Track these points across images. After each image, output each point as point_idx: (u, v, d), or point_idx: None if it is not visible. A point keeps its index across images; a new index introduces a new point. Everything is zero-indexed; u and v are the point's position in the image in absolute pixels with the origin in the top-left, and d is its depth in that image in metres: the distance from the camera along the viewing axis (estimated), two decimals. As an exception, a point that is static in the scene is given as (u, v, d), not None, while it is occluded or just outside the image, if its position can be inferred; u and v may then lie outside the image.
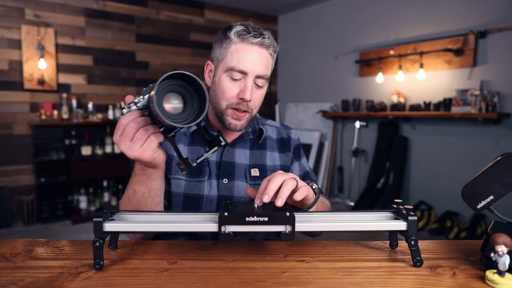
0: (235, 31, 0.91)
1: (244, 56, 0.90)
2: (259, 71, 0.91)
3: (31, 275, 0.61)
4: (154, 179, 0.79)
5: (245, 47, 0.91)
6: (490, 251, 0.60)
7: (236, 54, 0.90)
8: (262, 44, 0.91)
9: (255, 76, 0.91)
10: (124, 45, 4.27)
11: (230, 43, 0.92)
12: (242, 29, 0.91)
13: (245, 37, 0.90)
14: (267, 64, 0.94)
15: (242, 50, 0.90)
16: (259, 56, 0.91)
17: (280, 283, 0.60)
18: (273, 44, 0.94)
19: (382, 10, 4.07)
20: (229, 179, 0.98)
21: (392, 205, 0.71)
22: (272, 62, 0.97)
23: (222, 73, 0.93)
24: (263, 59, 0.92)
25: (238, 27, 0.91)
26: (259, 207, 0.68)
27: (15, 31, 3.60)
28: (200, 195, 0.96)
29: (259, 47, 0.91)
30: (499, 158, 0.64)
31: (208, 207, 0.97)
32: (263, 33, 0.92)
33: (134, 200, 0.81)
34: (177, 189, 0.97)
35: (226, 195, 0.97)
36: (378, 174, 4.07)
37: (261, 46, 0.92)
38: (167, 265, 0.66)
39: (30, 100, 3.74)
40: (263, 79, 0.93)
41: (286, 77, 5.42)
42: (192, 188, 0.97)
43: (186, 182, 0.97)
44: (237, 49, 0.91)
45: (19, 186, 3.73)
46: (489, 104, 3.12)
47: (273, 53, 0.96)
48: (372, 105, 4.02)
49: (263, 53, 0.92)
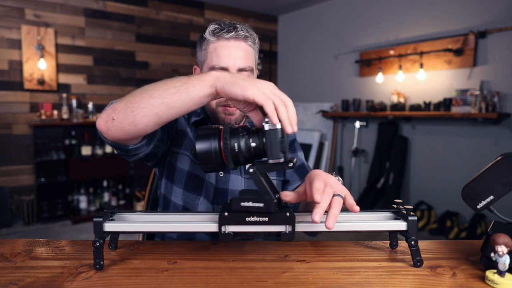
0: (209, 30, 0.93)
1: (222, 53, 0.92)
2: (240, 64, 0.92)
3: (31, 275, 0.61)
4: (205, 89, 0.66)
5: (221, 44, 0.92)
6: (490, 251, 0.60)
7: (215, 53, 0.92)
8: (238, 37, 0.93)
9: (237, 70, 0.93)
10: (124, 45, 4.27)
11: (208, 43, 0.94)
12: (215, 27, 0.93)
13: (219, 34, 0.92)
14: (247, 56, 0.94)
15: (219, 47, 0.92)
16: (237, 50, 0.93)
17: (280, 283, 0.60)
18: (250, 35, 0.95)
19: (382, 10, 4.07)
20: (224, 172, 0.99)
21: (392, 205, 0.71)
22: (254, 53, 0.98)
23: None
24: (242, 52, 0.93)
25: (212, 26, 0.94)
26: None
27: (15, 31, 3.60)
28: (203, 178, 0.98)
29: (235, 40, 0.93)
30: (499, 158, 0.64)
31: (206, 192, 0.98)
32: (236, 27, 0.93)
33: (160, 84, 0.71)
34: (182, 165, 0.99)
35: (222, 188, 0.99)
36: (378, 174, 4.07)
37: (237, 39, 0.93)
38: (167, 265, 0.66)
39: (30, 100, 3.74)
40: (246, 71, 0.94)
41: (286, 77, 5.42)
42: (196, 169, 0.99)
43: (192, 163, 0.99)
44: (214, 47, 0.93)
45: (19, 186, 3.73)
46: (489, 104, 3.12)
47: (253, 44, 0.97)
48: (372, 105, 4.02)
49: (241, 45, 0.93)
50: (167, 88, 0.68)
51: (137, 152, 0.86)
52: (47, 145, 3.74)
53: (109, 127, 0.73)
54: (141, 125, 0.71)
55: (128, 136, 0.75)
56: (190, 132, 1.02)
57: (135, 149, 0.84)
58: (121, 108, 0.71)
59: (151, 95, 0.69)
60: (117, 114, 0.72)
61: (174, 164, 1.00)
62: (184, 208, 0.99)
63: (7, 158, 3.67)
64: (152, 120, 0.71)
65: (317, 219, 0.58)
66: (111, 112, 0.73)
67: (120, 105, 0.72)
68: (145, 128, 0.73)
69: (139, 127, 0.72)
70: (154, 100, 0.69)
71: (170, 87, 0.68)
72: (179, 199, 0.99)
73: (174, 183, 1.00)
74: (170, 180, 1.01)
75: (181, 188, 0.99)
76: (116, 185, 4.13)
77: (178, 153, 1.00)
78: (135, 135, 0.75)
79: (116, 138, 0.76)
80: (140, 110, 0.70)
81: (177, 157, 1.00)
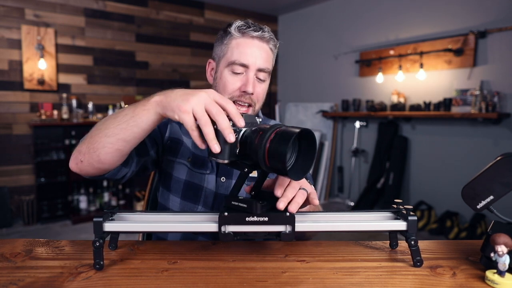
0: (235, 26, 0.93)
1: (245, 49, 0.92)
2: (260, 64, 0.92)
3: (31, 275, 0.61)
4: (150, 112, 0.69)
5: (246, 41, 0.92)
6: (490, 251, 0.60)
7: (237, 48, 0.92)
8: (262, 37, 0.93)
9: (257, 69, 0.92)
10: (124, 45, 4.27)
11: (231, 38, 0.94)
12: (242, 24, 0.93)
13: (245, 31, 0.92)
14: (268, 58, 0.95)
15: (243, 44, 0.92)
16: (260, 50, 0.93)
17: (280, 283, 0.60)
18: (273, 39, 0.96)
19: (382, 10, 4.07)
20: (226, 178, 0.98)
21: (392, 205, 0.71)
22: (272, 57, 0.98)
23: (224, 68, 0.94)
24: (264, 53, 0.93)
25: (238, 23, 0.94)
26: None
27: (15, 31, 3.60)
28: (201, 186, 0.97)
29: (260, 41, 0.93)
30: (499, 158, 0.64)
31: (205, 201, 0.97)
32: (262, 28, 0.94)
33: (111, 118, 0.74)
34: (178, 174, 0.98)
35: (222, 193, 0.97)
36: (378, 174, 4.07)
37: (261, 40, 0.93)
38: (167, 265, 0.66)
39: (30, 100, 3.74)
40: (265, 72, 0.94)
41: (286, 77, 5.41)
42: (193, 177, 0.97)
43: (189, 171, 0.98)
44: (238, 43, 0.93)
45: (19, 186, 3.73)
46: (489, 104, 3.12)
47: (273, 48, 0.97)
48: (372, 105, 4.02)
49: (264, 47, 0.94)
50: (117, 124, 0.72)
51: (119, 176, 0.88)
52: (47, 145, 3.74)
53: (80, 168, 0.79)
54: (107, 162, 0.76)
55: (100, 171, 0.80)
56: (186, 139, 1.00)
57: (113, 175, 0.85)
58: (85, 150, 0.76)
59: (106, 134, 0.73)
60: (83, 156, 0.77)
61: (170, 173, 0.99)
62: None
63: (7, 158, 3.67)
64: (116, 155, 0.75)
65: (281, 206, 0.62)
66: (78, 155, 0.78)
67: (83, 148, 0.77)
68: (112, 163, 0.77)
69: (106, 164, 0.77)
70: (110, 138, 0.73)
71: (120, 123, 0.72)
72: (176, 208, 0.98)
73: (171, 192, 0.99)
74: (167, 188, 1.00)
75: (179, 197, 0.98)
76: (116, 185, 4.13)
77: (174, 162, 0.99)
78: (105, 170, 0.80)
79: (91, 175, 0.81)
80: (101, 149, 0.74)
81: (173, 165, 0.98)
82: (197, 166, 0.98)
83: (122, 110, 0.74)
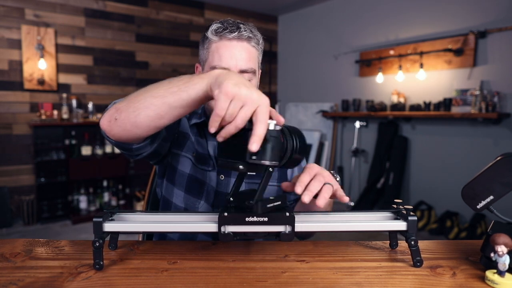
0: (212, 29, 0.91)
1: (224, 53, 0.90)
2: (242, 66, 0.90)
3: (31, 275, 0.61)
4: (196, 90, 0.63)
5: (224, 44, 0.90)
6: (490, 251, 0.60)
7: (217, 53, 0.90)
8: (240, 37, 0.90)
9: (238, 71, 0.90)
10: (124, 45, 4.27)
11: (210, 42, 0.92)
12: (218, 26, 0.91)
13: (222, 34, 0.90)
14: (250, 57, 0.92)
15: (221, 47, 0.90)
16: (239, 51, 0.90)
17: (280, 283, 0.60)
18: (254, 36, 0.93)
19: (382, 10, 4.07)
20: (225, 176, 0.98)
21: (392, 205, 0.71)
22: (257, 54, 0.96)
23: None
24: (244, 53, 0.91)
25: (214, 25, 0.91)
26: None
27: (15, 31, 3.60)
28: (204, 181, 0.97)
29: (238, 41, 0.91)
30: (499, 158, 0.64)
31: (207, 195, 0.97)
32: (239, 27, 0.91)
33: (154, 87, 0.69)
34: (183, 167, 0.98)
35: (222, 191, 0.97)
36: (378, 174, 4.07)
37: (240, 40, 0.91)
38: (167, 265, 0.66)
39: (30, 100, 3.74)
40: (248, 73, 0.92)
41: (286, 77, 5.41)
42: (197, 172, 0.98)
43: (193, 165, 0.98)
44: (216, 47, 0.91)
45: (19, 186, 3.73)
46: (489, 104, 3.12)
47: (256, 45, 0.95)
48: (372, 105, 4.02)
49: (244, 46, 0.91)
50: (169, 87, 0.66)
51: (140, 151, 0.85)
52: (47, 145, 3.74)
53: (112, 126, 0.73)
54: (142, 125, 0.70)
55: (131, 136, 0.74)
56: (191, 134, 1.01)
57: (138, 149, 0.83)
58: (124, 107, 0.70)
59: (153, 95, 0.67)
60: (119, 113, 0.71)
61: (175, 166, 0.99)
62: (185, 210, 0.98)
63: (7, 158, 3.67)
64: (154, 121, 0.69)
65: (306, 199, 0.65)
66: (114, 112, 0.72)
67: (123, 105, 0.71)
68: (146, 129, 0.72)
69: (140, 128, 0.71)
70: (156, 99, 0.67)
71: (172, 86, 0.66)
72: (180, 201, 0.98)
73: (175, 185, 0.99)
74: (171, 182, 1.00)
75: (182, 191, 0.98)
76: (116, 185, 4.13)
77: (180, 155, 0.99)
78: (137, 136, 0.74)
79: (119, 138, 0.75)
80: (142, 110, 0.68)
81: (179, 159, 0.99)
82: (201, 163, 0.98)
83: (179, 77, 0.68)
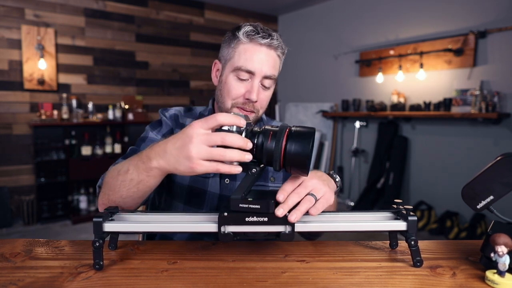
0: (244, 31, 0.91)
1: (252, 56, 0.90)
2: (267, 72, 0.91)
3: (31, 275, 0.61)
4: (156, 177, 0.70)
5: (253, 48, 0.91)
6: (490, 251, 0.60)
7: (244, 54, 0.91)
8: (271, 45, 0.92)
9: (263, 76, 0.92)
10: (124, 45, 4.27)
11: (239, 43, 0.92)
12: (251, 29, 0.91)
13: (254, 38, 0.91)
14: (275, 65, 0.94)
15: (250, 50, 0.91)
16: (267, 57, 0.92)
17: (280, 283, 0.60)
18: (281, 46, 0.95)
19: (382, 10, 4.07)
20: (230, 179, 0.98)
21: (392, 205, 0.71)
22: (280, 63, 0.97)
23: (229, 72, 0.93)
24: (271, 60, 0.92)
25: (247, 27, 0.92)
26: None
27: (15, 31, 3.60)
28: (204, 190, 0.96)
29: (267, 48, 0.92)
30: (499, 158, 0.64)
31: (209, 204, 0.96)
32: (271, 34, 0.92)
33: (120, 179, 0.73)
34: (181, 180, 0.97)
35: (227, 195, 0.97)
36: (378, 174, 4.07)
37: (269, 47, 0.92)
38: (167, 265, 0.66)
39: (30, 100, 3.74)
40: (270, 79, 0.94)
41: (286, 77, 5.41)
42: (196, 182, 0.97)
43: (192, 176, 0.96)
44: (245, 49, 0.91)
45: (19, 186, 3.73)
46: (489, 104, 3.12)
47: (281, 55, 0.96)
48: (372, 105, 4.02)
49: (271, 54, 0.93)
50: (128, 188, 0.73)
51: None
52: (47, 145, 3.74)
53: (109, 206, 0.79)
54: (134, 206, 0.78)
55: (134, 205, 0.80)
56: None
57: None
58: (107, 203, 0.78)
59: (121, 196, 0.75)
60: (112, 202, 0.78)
61: (173, 179, 0.97)
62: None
63: (7, 158, 3.67)
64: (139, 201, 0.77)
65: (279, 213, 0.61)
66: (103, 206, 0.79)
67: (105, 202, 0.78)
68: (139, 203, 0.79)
69: (134, 206, 0.79)
70: (126, 199, 0.75)
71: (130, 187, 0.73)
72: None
73: (174, 198, 0.98)
74: (169, 195, 0.99)
75: (182, 203, 0.97)
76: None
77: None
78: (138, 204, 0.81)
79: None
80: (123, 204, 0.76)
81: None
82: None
83: (126, 173, 0.72)
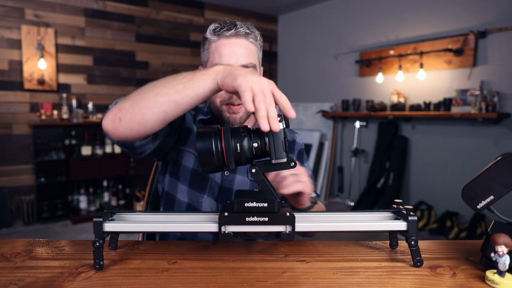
0: (210, 30, 0.94)
1: (223, 51, 0.92)
2: (242, 61, 0.92)
3: (31, 275, 0.61)
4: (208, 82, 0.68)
5: (222, 43, 0.93)
6: (490, 251, 0.60)
7: (216, 52, 0.93)
8: (238, 34, 0.93)
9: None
10: (124, 45, 4.27)
11: (209, 43, 0.95)
12: (215, 26, 0.94)
13: (220, 33, 0.93)
14: (249, 53, 0.94)
15: (220, 46, 0.93)
16: (238, 47, 0.93)
17: (280, 283, 0.60)
18: (252, 32, 0.95)
19: (382, 10, 4.07)
20: (230, 172, 1.00)
21: (392, 205, 0.71)
22: (256, 49, 0.98)
23: None
24: (243, 49, 0.93)
25: (212, 26, 0.94)
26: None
27: (15, 31, 3.60)
28: (207, 176, 0.99)
29: (236, 38, 0.93)
30: (499, 158, 0.64)
31: (211, 190, 0.99)
32: (236, 24, 0.93)
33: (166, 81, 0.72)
34: (187, 162, 1.00)
35: (226, 187, 0.99)
36: (378, 174, 4.07)
37: (238, 37, 0.93)
38: (167, 265, 0.66)
39: (30, 100, 3.74)
40: (249, 67, 0.93)
41: (286, 77, 5.41)
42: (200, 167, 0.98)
43: (196, 160, 0.99)
44: (216, 46, 0.93)
45: (19, 186, 3.73)
46: (489, 104, 3.12)
47: (254, 41, 0.97)
48: (372, 105, 4.02)
49: (242, 43, 0.94)
50: (174, 85, 0.70)
51: (143, 149, 0.86)
52: (47, 145, 3.74)
53: (116, 127, 0.73)
54: (149, 123, 0.72)
55: (136, 134, 0.75)
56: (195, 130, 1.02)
57: (141, 146, 0.84)
58: (128, 107, 0.72)
59: (158, 93, 0.70)
60: (124, 113, 0.72)
61: (180, 161, 1.01)
62: (188, 205, 0.99)
63: (7, 158, 3.67)
64: (160, 118, 0.71)
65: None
66: (118, 112, 0.73)
67: (127, 105, 0.72)
68: (153, 126, 0.73)
69: (147, 126, 0.73)
70: (162, 98, 0.70)
71: (176, 84, 0.70)
72: (184, 196, 0.99)
73: (179, 180, 1.00)
74: (175, 177, 1.01)
75: (186, 186, 0.99)
76: (116, 185, 4.13)
77: (184, 151, 1.01)
78: (143, 134, 0.76)
79: (124, 137, 0.76)
80: (148, 109, 0.70)
81: (183, 154, 1.00)
82: None
83: (180, 74, 0.72)
